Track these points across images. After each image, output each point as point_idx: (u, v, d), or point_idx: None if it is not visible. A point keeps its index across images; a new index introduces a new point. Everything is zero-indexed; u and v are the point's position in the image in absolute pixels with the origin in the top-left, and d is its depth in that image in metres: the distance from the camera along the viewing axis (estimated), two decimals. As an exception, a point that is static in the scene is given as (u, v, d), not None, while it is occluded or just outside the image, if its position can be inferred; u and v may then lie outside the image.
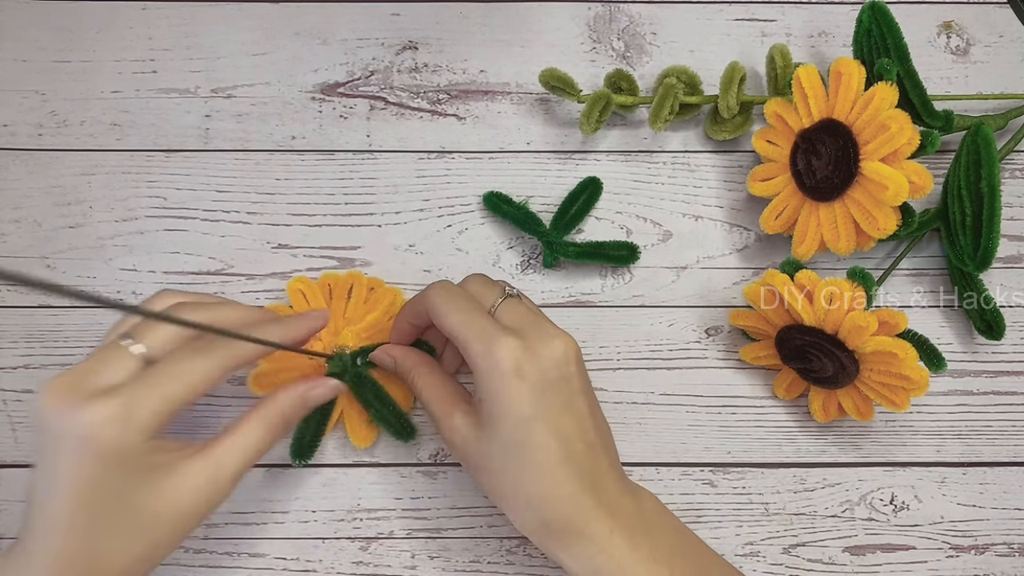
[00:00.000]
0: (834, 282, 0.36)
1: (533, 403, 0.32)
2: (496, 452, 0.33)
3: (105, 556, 0.30)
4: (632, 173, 0.44)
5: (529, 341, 0.33)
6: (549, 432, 0.32)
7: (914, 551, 0.41)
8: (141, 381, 0.30)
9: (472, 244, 0.43)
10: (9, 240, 0.42)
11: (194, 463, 0.31)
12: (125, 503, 0.29)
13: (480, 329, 0.33)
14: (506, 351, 0.32)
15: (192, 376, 0.30)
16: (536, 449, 0.32)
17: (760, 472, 0.42)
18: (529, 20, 0.45)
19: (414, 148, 0.44)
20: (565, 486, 0.32)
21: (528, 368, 0.32)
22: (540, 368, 0.32)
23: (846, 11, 0.45)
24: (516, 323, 0.34)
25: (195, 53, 0.44)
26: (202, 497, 0.31)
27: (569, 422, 0.33)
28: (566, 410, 0.33)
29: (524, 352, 0.32)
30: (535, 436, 0.32)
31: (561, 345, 0.33)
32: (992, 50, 0.45)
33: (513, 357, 0.32)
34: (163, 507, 0.30)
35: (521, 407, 0.32)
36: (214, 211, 0.43)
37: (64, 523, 0.29)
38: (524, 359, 0.32)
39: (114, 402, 0.28)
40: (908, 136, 0.35)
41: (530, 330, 0.33)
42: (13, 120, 0.43)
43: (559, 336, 0.33)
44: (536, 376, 0.32)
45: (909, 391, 0.36)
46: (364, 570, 0.40)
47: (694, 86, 0.42)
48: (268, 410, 0.33)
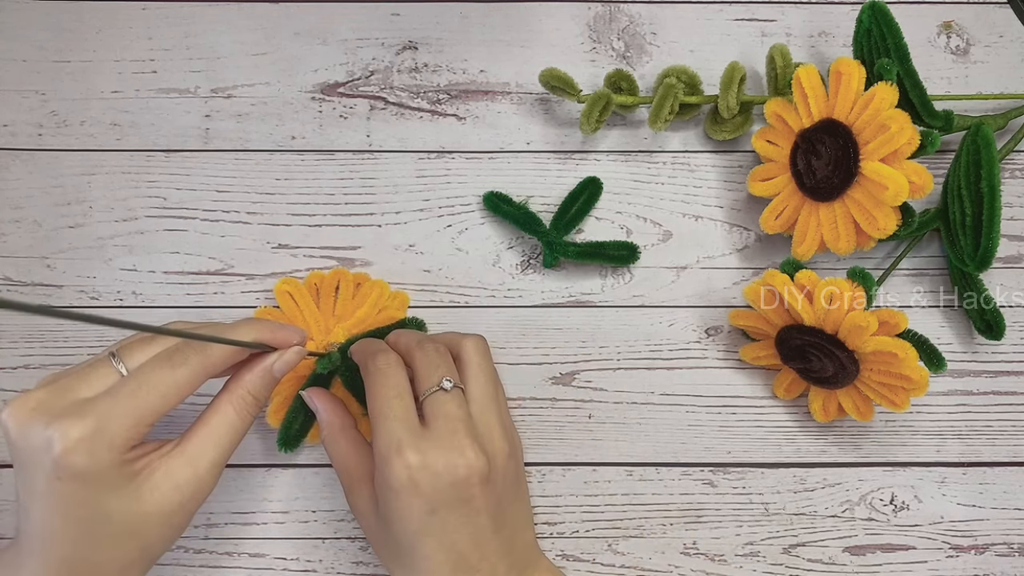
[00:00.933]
0: (834, 282, 0.36)
1: (423, 520, 0.32)
2: (388, 546, 0.33)
3: (100, 560, 0.30)
4: (632, 173, 0.44)
5: (434, 456, 0.31)
6: (438, 547, 0.32)
7: (914, 551, 0.41)
8: (112, 396, 0.29)
9: (472, 244, 0.43)
10: (9, 240, 0.42)
11: (172, 461, 0.31)
12: (109, 513, 0.29)
13: (389, 432, 0.32)
14: (401, 467, 0.31)
15: (164, 387, 0.30)
16: (422, 559, 0.32)
17: (760, 472, 0.42)
18: (529, 20, 0.45)
19: (414, 148, 0.44)
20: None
21: (424, 485, 0.31)
22: (436, 487, 0.31)
23: (846, 11, 0.45)
24: (435, 424, 0.33)
25: (195, 53, 0.44)
26: (186, 493, 0.31)
27: (463, 539, 0.32)
28: (461, 527, 0.32)
29: (422, 471, 0.31)
30: (422, 549, 0.32)
31: (464, 465, 0.32)
32: (992, 50, 0.45)
33: (408, 475, 0.31)
34: (148, 509, 0.30)
35: (409, 522, 0.32)
36: (214, 211, 0.43)
37: (52, 534, 0.29)
38: (421, 477, 0.31)
39: (84, 422, 0.28)
40: (908, 136, 0.35)
41: (442, 440, 0.32)
42: (13, 120, 0.43)
43: (467, 452, 0.32)
44: (431, 494, 0.31)
45: (909, 391, 0.36)
46: (364, 570, 0.40)
47: (694, 86, 0.42)
48: (234, 393, 0.33)
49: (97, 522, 0.29)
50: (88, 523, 0.29)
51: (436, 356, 0.35)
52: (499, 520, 0.34)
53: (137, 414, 0.29)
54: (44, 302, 0.42)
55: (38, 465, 0.28)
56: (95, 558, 0.30)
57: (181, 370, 0.30)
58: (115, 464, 0.29)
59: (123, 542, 0.30)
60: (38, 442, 0.28)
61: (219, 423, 0.32)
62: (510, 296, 0.43)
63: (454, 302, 0.42)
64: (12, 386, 0.41)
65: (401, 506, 0.32)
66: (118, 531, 0.30)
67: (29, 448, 0.29)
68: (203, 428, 0.32)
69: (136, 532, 0.30)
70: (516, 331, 0.42)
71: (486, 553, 0.33)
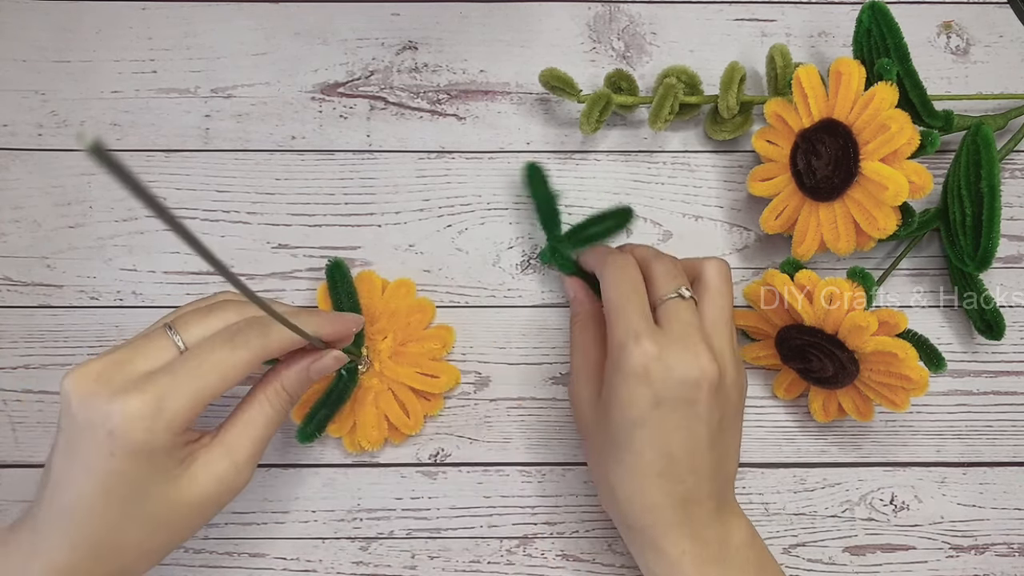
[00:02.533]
0: (834, 282, 0.36)
1: (645, 411, 0.32)
2: (599, 436, 0.33)
3: (126, 545, 0.30)
4: (632, 173, 0.44)
5: (670, 351, 0.32)
6: (651, 443, 0.32)
7: (914, 551, 0.41)
8: (173, 374, 0.29)
9: (472, 244, 0.43)
10: (9, 240, 0.42)
11: (211, 452, 0.31)
12: (149, 495, 0.29)
13: (628, 321, 0.32)
14: (638, 354, 0.31)
15: (224, 368, 0.30)
16: (633, 454, 0.32)
17: (760, 472, 0.42)
18: (529, 20, 0.45)
19: (414, 148, 0.44)
20: (650, 496, 0.32)
21: (655, 376, 0.31)
22: (666, 381, 0.31)
23: (846, 11, 0.45)
24: (671, 327, 0.33)
25: (195, 53, 0.44)
26: (223, 485, 0.31)
27: (678, 442, 0.32)
28: (679, 430, 0.32)
29: (657, 361, 0.31)
30: (635, 442, 0.32)
31: (696, 367, 0.32)
32: (992, 50, 0.45)
33: (643, 362, 0.31)
34: (186, 497, 0.30)
35: (632, 410, 0.32)
36: (214, 211, 0.43)
37: (87, 511, 0.29)
38: (654, 367, 0.31)
39: (144, 397, 0.28)
40: (908, 136, 0.35)
41: (678, 341, 0.32)
42: (13, 120, 0.43)
43: (701, 357, 0.32)
44: (660, 386, 0.31)
45: (909, 391, 0.36)
46: (364, 570, 0.40)
47: (694, 86, 0.42)
48: (272, 387, 0.33)
49: (137, 504, 0.29)
50: (129, 504, 0.29)
51: (673, 267, 0.35)
52: (715, 438, 0.33)
53: (196, 394, 0.29)
54: (44, 302, 0.42)
55: (92, 439, 0.28)
56: (123, 541, 0.30)
57: (241, 352, 0.30)
58: (167, 446, 0.29)
59: (154, 528, 0.30)
60: (97, 416, 0.28)
61: (256, 417, 0.32)
62: (510, 296, 0.43)
63: (454, 302, 0.42)
64: (12, 386, 0.41)
65: (628, 393, 0.32)
66: (153, 516, 0.30)
67: (86, 420, 0.28)
68: (241, 422, 0.32)
69: (168, 519, 0.30)
70: (516, 331, 0.42)
71: (695, 466, 0.32)
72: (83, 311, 0.42)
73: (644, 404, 0.32)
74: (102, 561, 0.30)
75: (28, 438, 0.41)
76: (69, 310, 0.42)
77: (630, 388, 0.32)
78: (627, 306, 0.33)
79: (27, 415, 0.41)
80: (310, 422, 0.38)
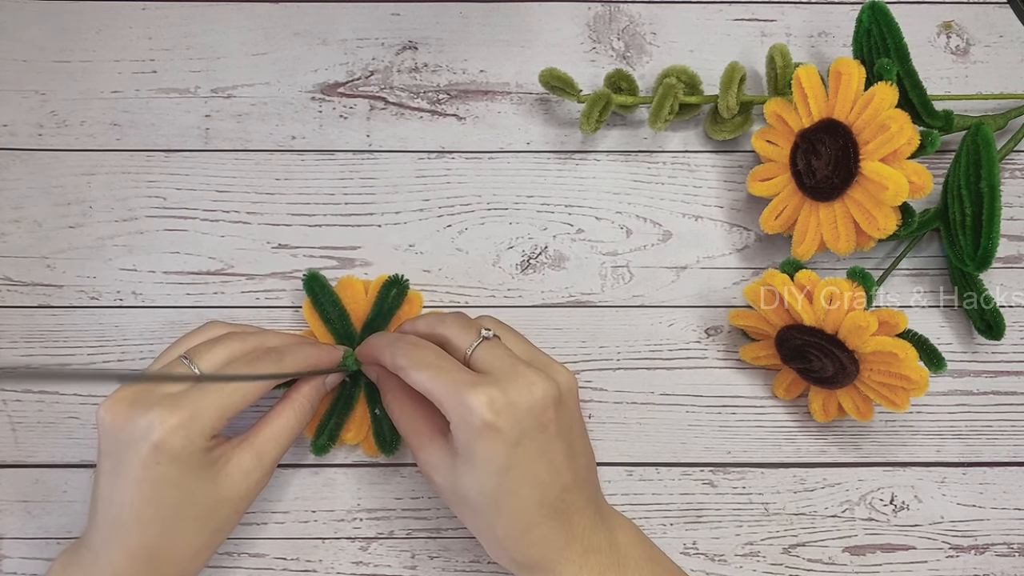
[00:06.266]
0: (834, 282, 0.36)
1: (507, 455, 0.32)
2: (470, 496, 0.33)
3: (179, 546, 0.33)
4: (632, 173, 0.44)
5: (504, 388, 0.32)
6: (523, 480, 0.32)
7: (914, 551, 0.41)
8: (202, 391, 0.33)
9: (472, 244, 0.43)
10: (9, 240, 0.42)
11: (243, 452, 0.34)
12: (191, 496, 0.33)
13: (450, 382, 0.32)
14: (478, 404, 0.31)
15: (245, 388, 0.34)
16: (509, 496, 0.32)
17: (760, 472, 0.42)
18: (529, 20, 0.45)
19: (414, 148, 0.44)
20: (536, 529, 0.33)
21: (502, 420, 0.31)
22: (514, 418, 0.32)
23: (846, 11, 0.45)
24: (492, 368, 0.33)
25: (195, 53, 0.44)
26: (253, 480, 0.34)
27: (543, 469, 0.33)
28: (541, 457, 0.33)
29: (497, 403, 0.32)
30: (508, 484, 0.32)
31: (538, 391, 0.32)
32: (992, 50, 0.45)
33: (486, 410, 0.31)
34: (223, 494, 0.34)
35: (495, 459, 0.32)
36: (214, 211, 0.43)
37: (138, 520, 0.32)
38: (498, 410, 0.31)
39: (180, 411, 0.32)
40: (908, 136, 0.35)
41: (506, 376, 0.33)
42: (13, 120, 0.43)
43: (536, 381, 0.33)
44: (510, 426, 0.32)
45: (909, 391, 0.36)
46: (364, 570, 0.40)
47: (694, 86, 0.42)
48: (296, 400, 0.37)
49: (185, 504, 0.33)
50: (178, 505, 0.32)
51: (461, 319, 0.36)
52: (571, 449, 0.34)
53: (223, 407, 0.33)
54: (44, 302, 0.42)
55: (135, 452, 0.32)
56: (176, 543, 0.33)
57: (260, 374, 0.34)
58: (203, 449, 0.33)
59: (201, 526, 0.33)
60: (138, 430, 0.32)
61: (282, 425, 0.36)
62: (510, 296, 0.43)
63: (454, 302, 0.42)
64: (12, 386, 0.41)
65: (486, 445, 0.32)
66: (200, 514, 0.33)
67: (127, 437, 0.32)
68: (268, 428, 0.36)
69: (212, 515, 0.34)
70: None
71: (565, 483, 0.33)
72: (83, 311, 0.42)
73: (505, 448, 0.32)
74: (158, 565, 0.33)
75: (28, 438, 0.41)
76: (69, 310, 0.42)
77: (486, 440, 0.32)
78: (444, 369, 0.33)
79: (27, 415, 0.41)
80: (322, 433, 0.39)
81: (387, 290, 0.40)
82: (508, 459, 0.32)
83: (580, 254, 0.43)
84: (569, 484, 0.34)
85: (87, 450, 0.41)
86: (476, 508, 0.33)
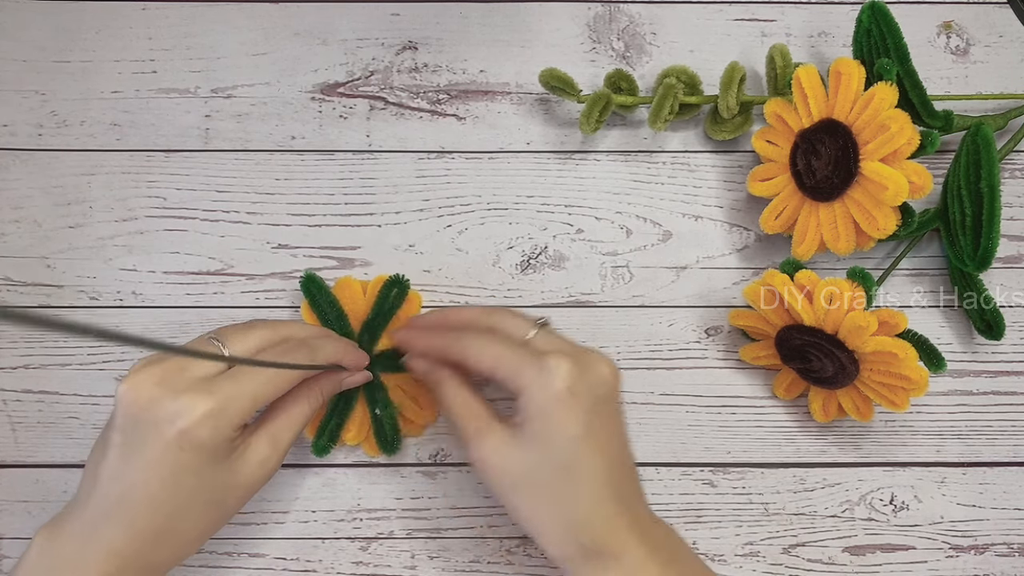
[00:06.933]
0: (834, 282, 0.36)
1: (584, 423, 0.32)
2: (540, 473, 0.32)
3: (184, 529, 0.33)
4: (632, 173, 0.44)
5: (577, 359, 0.33)
6: (596, 450, 0.32)
7: (914, 551, 0.41)
8: (234, 380, 0.32)
9: (472, 244, 0.43)
10: (9, 240, 0.42)
11: (259, 439, 0.34)
12: (208, 483, 0.32)
13: (521, 356, 0.33)
14: (560, 370, 0.32)
15: (279, 378, 0.33)
16: (583, 465, 0.32)
17: (760, 472, 0.42)
18: (529, 20, 0.45)
19: (414, 148, 0.44)
20: (605, 507, 0.33)
21: (580, 388, 0.32)
22: (590, 388, 0.32)
23: (846, 11, 0.45)
24: (557, 348, 0.34)
25: (195, 53, 0.44)
26: (268, 467, 0.34)
27: (615, 441, 0.34)
28: (613, 428, 0.34)
29: (573, 372, 0.32)
30: (583, 452, 0.32)
31: (607, 367, 0.34)
32: (992, 50, 0.45)
33: (566, 376, 0.32)
34: (239, 480, 0.33)
35: (573, 426, 0.32)
36: (214, 211, 0.43)
37: (149, 501, 0.31)
38: (576, 379, 0.32)
39: (210, 400, 0.31)
40: (908, 136, 0.35)
41: (574, 352, 0.33)
42: (13, 120, 0.43)
43: (604, 359, 0.34)
44: (587, 396, 0.32)
45: (909, 391, 0.36)
46: (364, 570, 0.40)
47: (694, 86, 0.42)
48: (312, 390, 0.36)
49: (200, 491, 0.32)
50: (193, 491, 0.32)
51: (509, 310, 0.37)
52: (627, 433, 0.35)
53: (254, 399, 0.32)
54: (44, 302, 0.42)
55: (157, 434, 0.31)
56: (183, 527, 0.32)
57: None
58: (228, 439, 0.32)
59: (211, 510, 0.33)
60: (164, 413, 0.31)
61: (297, 413, 0.35)
62: (510, 296, 0.43)
63: (454, 302, 0.42)
64: (12, 386, 0.41)
65: (564, 411, 0.32)
66: (213, 500, 0.33)
67: (151, 417, 0.31)
68: (283, 415, 0.35)
69: (224, 501, 0.33)
70: (516, 331, 0.42)
71: (629, 465, 0.34)
72: (83, 311, 0.42)
73: (581, 415, 0.32)
74: (160, 546, 0.32)
75: (28, 438, 0.41)
76: (69, 310, 0.42)
77: (565, 406, 0.32)
78: (511, 347, 0.33)
79: (27, 415, 0.41)
80: (322, 434, 0.39)
81: (388, 290, 0.40)
82: (585, 426, 0.32)
83: (580, 254, 0.43)
84: (631, 466, 0.34)
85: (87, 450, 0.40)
86: (545, 485, 0.32)
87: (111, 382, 0.41)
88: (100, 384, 0.41)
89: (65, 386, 0.41)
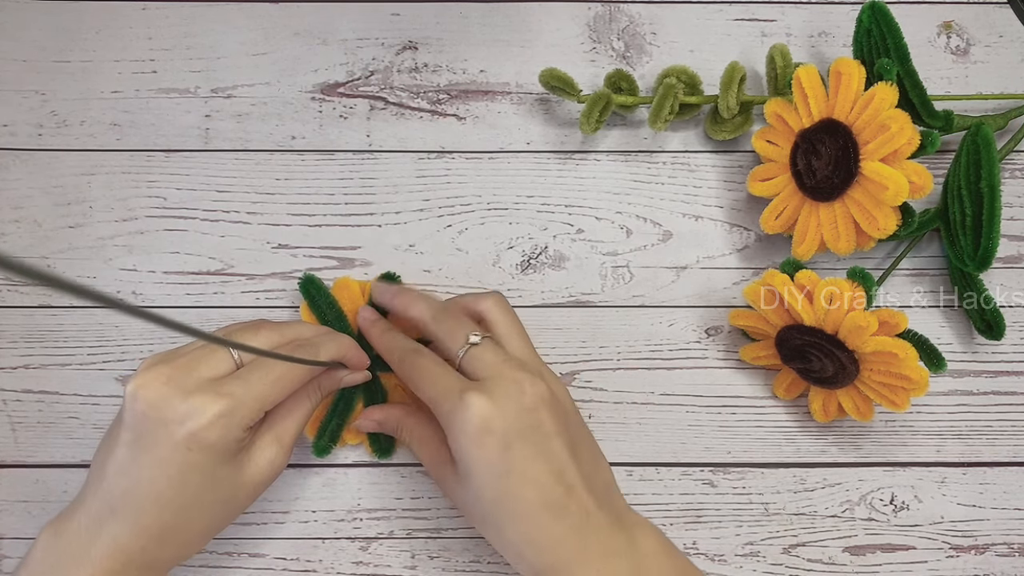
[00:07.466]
0: (834, 282, 0.36)
1: (503, 460, 0.32)
2: (478, 507, 0.33)
3: (191, 528, 0.33)
4: (632, 173, 0.44)
5: (494, 392, 0.32)
6: (523, 483, 0.32)
7: (914, 551, 0.41)
8: (243, 382, 0.32)
9: (472, 244, 0.43)
10: (9, 240, 0.42)
11: (265, 438, 0.34)
12: (215, 483, 0.32)
13: (444, 388, 0.33)
14: (472, 409, 0.32)
15: (286, 380, 0.33)
16: (512, 500, 0.32)
17: (760, 472, 0.42)
18: (529, 20, 0.45)
19: (414, 148, 0.44)
20: (547, 532, 0.32)
21: (495, 423, 0.32)
22: (506, 421, 0.32)
23: (846, 11, 0.45)
24: (482, 371, 0.34)
25: (195, 53, 0.44)
26: (276, 464, 0.34)
27: (543, 470, 0.32)
28: (538, 458, 0.32)
29: (488, 407, 0.32)
30: (510, 488, 0.32)
31: (528, 391, 0.33)
32: (992, 50, 0.45)
33: (478, 415, 0.32)
34: (246, 479, 0.34)
35: (493, 465, 0.32)
36: (214, 211, 0.43)
37: (156, 499, 0.31)
38: (490, 416, 0.32)
39: (221, 402, 0.31)
40: (908, 136, 0.35)
41: (496, 379, 0.33)
42: (13, 120, 0.43)
43: (525, 381, 0.33)
44: (503, 430, 0.32)
45: (909, 391, 0.36)
46: (364, 570, 0.40)
47: (694, 86, 0.42)
48: (311, 388, 0.37)
49: (208, 490, 0.32)
50: (201, 491, 0.32)
51: (452, 320, 0.36)
52: (573, 449, 0.34)
53: (263, 401, 0.33)
54: (44, 302, 0.42)
55: (167, 434, 0.31)
56: (189, 525, 0.33)
57: (298, 368, 0.34)
58: (237, 440, 0.32)
59: (218, 509, 0.33)
60: (173, 414, 0.31)
61: (301, 411, 0.36)
62: (510, 296, 0.42)
63: (454, 302, 0.42)
64: (12, 386, 0.41)
65: (479, 451, 0.32)
66: (219, 499, 0.33)
67: (160, 416, 0.31)
68: (289, 413, 0.35)
69: (230, 500, 0.33)
70: (516, 331, 0.42)
71: (571, 484, 0.33)
72: (83, 311, 0.42)
73: (499, 453, 0.32)
74: (166, 544, 0.32)
75: (28, 438, 0.41)
76: (69, 310, 0.42)
77: (479, 445, 0.32)
78: (437, 376, 0.34)
79: (27, 415, 0.41)
80: (323, 434, 0.39)
81: None
82: (505, 463, 0.32)
83: (580, 254, 0.43)
84: (574, 484, 0.33)
85: (87, 450, 0.41)
86: (486, 517, 0.33)
87: (111, 382, 0.41)
88: (100, 384, 0.41)
89: (65, 386, 0.41)
